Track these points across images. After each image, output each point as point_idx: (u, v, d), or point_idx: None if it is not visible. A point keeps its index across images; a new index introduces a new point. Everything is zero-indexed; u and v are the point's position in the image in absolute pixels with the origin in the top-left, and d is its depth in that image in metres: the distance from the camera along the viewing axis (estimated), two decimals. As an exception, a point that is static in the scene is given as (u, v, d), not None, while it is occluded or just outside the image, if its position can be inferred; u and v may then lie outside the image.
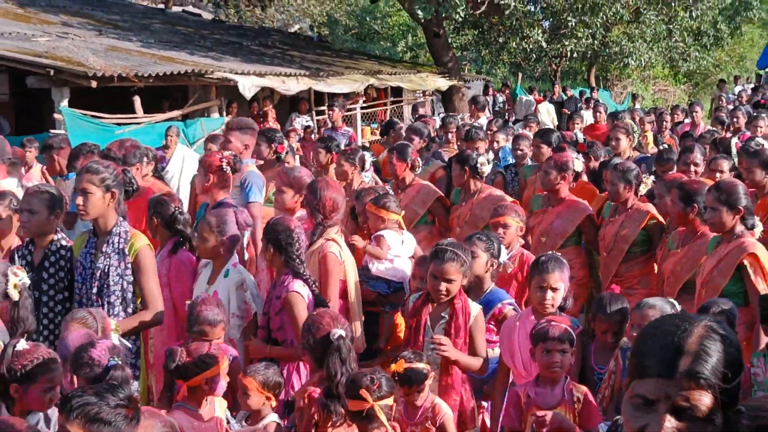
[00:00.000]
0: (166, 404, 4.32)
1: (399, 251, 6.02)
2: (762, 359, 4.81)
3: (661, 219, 6.57)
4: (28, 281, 4.56)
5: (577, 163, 7.46)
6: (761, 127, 9.18)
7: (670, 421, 1.82)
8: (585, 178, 8.02)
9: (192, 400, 4.14)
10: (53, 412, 3.73)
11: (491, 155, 8.52)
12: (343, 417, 3.89)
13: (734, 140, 9.32)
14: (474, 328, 4.62)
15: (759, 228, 5.51)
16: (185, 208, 6.47)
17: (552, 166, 6.93)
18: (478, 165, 7.21)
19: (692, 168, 7.21)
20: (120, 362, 3.69)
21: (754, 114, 11.33)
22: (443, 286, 4.52)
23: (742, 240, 5.24)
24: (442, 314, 4.63)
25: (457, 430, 4.54)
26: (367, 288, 5.94)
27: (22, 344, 3.61)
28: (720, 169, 7.15)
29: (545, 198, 7.10)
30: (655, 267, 6.49)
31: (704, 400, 1.81)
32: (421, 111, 15.47)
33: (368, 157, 8.33)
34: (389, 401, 3.80)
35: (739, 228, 5.28)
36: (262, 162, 7.51)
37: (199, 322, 4.63)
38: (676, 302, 4.67)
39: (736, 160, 7.85)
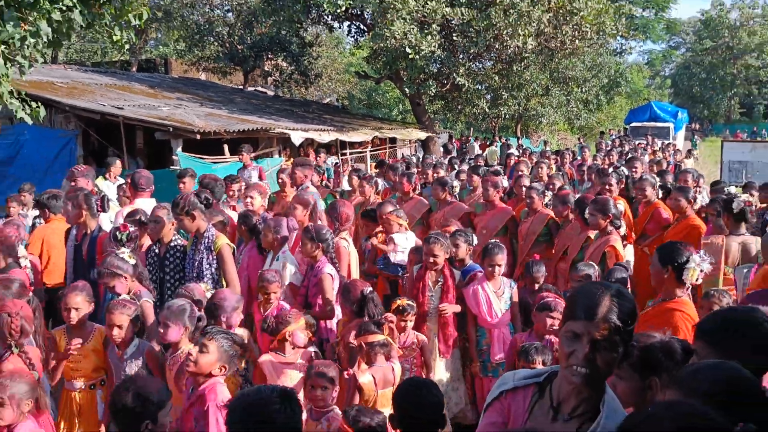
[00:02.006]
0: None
1: (405, 245, 6.84)
2: None
3: (556, 219, 7.61)
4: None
5: (504, 181, 8.83)
6: (636, 167, 10.21)
7: (587, 348, 2.13)
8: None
9: (280, 348, 4.72)
10: None
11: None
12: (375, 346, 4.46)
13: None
14: (459, 286, 5.75)
15: (623, 227, 6.52)
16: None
17: (489, 185, 8.13)
18: (451, 186, 8.53)
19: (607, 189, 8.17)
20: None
21: (630, 156, 13.05)
22: (432, 259, 5.65)
23: (608, 236, 6.21)
24: (438, 279, 5.72)
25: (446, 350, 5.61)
26: (388, 272, 6.93)
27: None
28: (609, 187, 8.13)
29: (484, 205, 8.31)
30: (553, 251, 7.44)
31: (613, 337, 2.12)
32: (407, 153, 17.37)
33: (380, 182, 9.58)
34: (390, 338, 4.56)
35: (609, 228, 6.28)
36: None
37: (261, 280, 5.49)
38: (595, 265, 5.55)
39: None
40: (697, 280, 4.05)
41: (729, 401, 1.82)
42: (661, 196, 8.47)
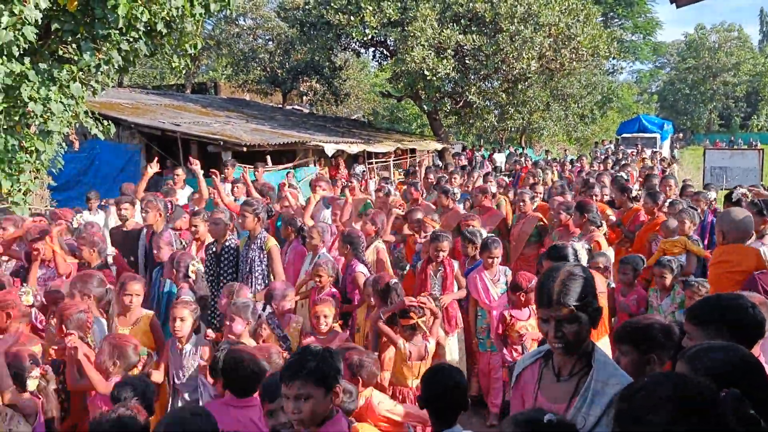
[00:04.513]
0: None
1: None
2: (656, 293, 5.68)
3: (546, 222, 7.54)
4: (202, 268, 5.45)
5: (493, 187, 8.85)
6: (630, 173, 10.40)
7: (555, 327, 2.24)
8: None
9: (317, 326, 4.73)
10: None
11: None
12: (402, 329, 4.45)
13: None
14: (457, 274, 5.79)
15: (604, 227, 6.54)
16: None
17: (478, 191, 8.18)
18: (452, 194, 8.40)
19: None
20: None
21: (622, 164, 13.24)
22: (439, 254, 5.71)
23: (592, 234, 6.25)
24: (438, 269, 5.77)
25: (449, 328, 5.61)
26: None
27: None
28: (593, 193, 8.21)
29: (478, 209, 8.12)
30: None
31: (573, 314, 2.21)
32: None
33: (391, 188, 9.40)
34: (423, 319, 4.49)
35: (591, 227, 6.32)
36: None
37: (316, 267, 5.47)
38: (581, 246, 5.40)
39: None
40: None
41: (733, 380, 1.80)
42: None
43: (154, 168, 7.90)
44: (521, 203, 7.82)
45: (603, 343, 4.54)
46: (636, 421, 1.54)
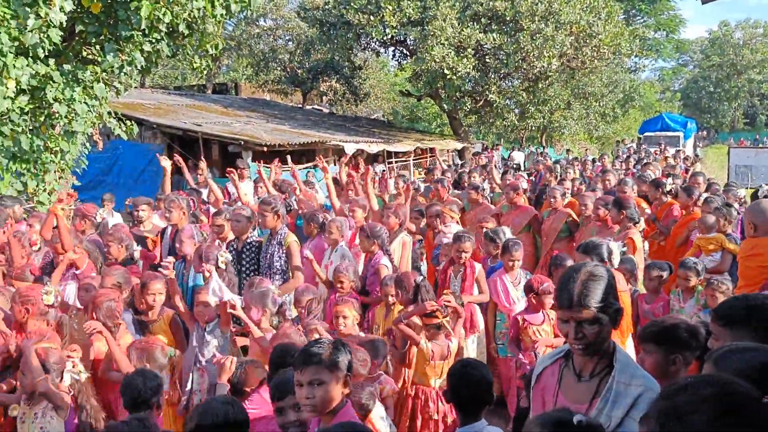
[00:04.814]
0: None
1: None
2: (677, 296, 5.58)
3: (575, 217, 7.52)
4: (230, 257, 5.50)
5: (524, 183, 8.75)
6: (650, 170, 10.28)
7: (575, 329, 2.21)
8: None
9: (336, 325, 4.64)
10: None
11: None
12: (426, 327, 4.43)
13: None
14: (479, 277, 5.71)
15: (641, 224, 6.50)
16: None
17: (510, 189, 8.10)
18: (482, 189, 8.45)
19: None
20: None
21: (645, 162, 13.05)
22: (463, 255, 5.67)
23: (628, 230, 6.22)
24: (459, 269, 5.74)
25: (470, 328, 5.56)
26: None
27: None
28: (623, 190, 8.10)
29: (510, 206, 8.13)
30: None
31: (593, 315, 2.18)
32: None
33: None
34: (447, 319, 4.49)
35: (628, 223, 6.28)
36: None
37: (336, 272, 5.42)
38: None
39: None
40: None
41: (762, 382, 1.73)
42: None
43: (166, 162, 7.96)
44: (552, 199, 7.79)
45: (627, 344, 4.49)
46: (678, 419, 1.52)
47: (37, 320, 4.34)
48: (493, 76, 22.19)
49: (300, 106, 31.21)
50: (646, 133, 32.75)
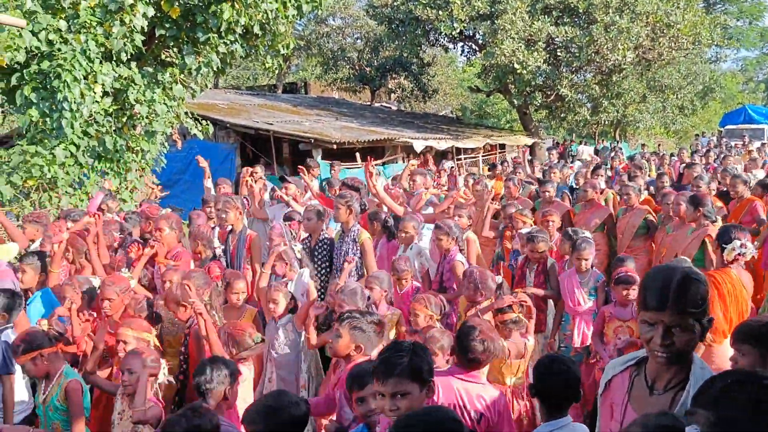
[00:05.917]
0: None
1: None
2: None
3: (653, 215, 7.38)
4: (300, 246, 5.72)
5: (602, 181, 8.64)
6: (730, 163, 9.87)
7: (663, 334, 1.98)
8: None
9: (414, 322, 4.68)
10: None
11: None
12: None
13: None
14: (550, 271, 5.71)
15: (719, 221, 6.26)
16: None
17: (588, 186, 8.00)
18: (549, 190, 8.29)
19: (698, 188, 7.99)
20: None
21: (723, 155, 12.56)
22: (536, 255, 5.69)
23: (706, 228, 6.03)
24: (533, 266, 5.77)
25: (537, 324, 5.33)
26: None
27: None
28: (698, 185, 8.03)
29: (584, 204, 8.02)
30: (653, 245, 7.26)
31: (685, 321, 1.97)
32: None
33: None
34: (522, 314, 4.44)
35: (705, 221, 6.10)
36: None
37: (394, 267, 5.56)
38: (688, 259, 5.16)
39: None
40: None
41: None
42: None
43: (205, 163, 8.29)
44: (626, 196, 7.67)
45: (724, 347, 4.29)
46: (712, 408, 1.49)
47: (134, 312, 4.50)
48: (564, 69, 21.76)
49: (369, 103, 31.44)
50: (728, 126, 31.31)
